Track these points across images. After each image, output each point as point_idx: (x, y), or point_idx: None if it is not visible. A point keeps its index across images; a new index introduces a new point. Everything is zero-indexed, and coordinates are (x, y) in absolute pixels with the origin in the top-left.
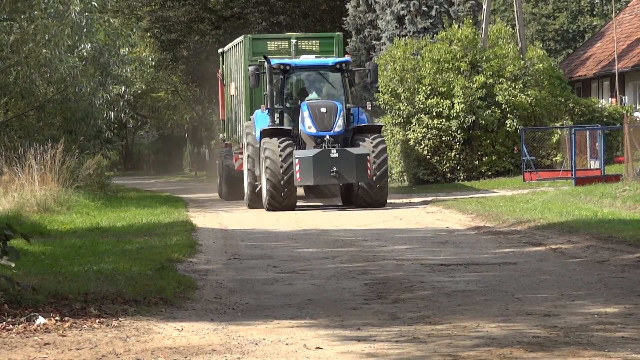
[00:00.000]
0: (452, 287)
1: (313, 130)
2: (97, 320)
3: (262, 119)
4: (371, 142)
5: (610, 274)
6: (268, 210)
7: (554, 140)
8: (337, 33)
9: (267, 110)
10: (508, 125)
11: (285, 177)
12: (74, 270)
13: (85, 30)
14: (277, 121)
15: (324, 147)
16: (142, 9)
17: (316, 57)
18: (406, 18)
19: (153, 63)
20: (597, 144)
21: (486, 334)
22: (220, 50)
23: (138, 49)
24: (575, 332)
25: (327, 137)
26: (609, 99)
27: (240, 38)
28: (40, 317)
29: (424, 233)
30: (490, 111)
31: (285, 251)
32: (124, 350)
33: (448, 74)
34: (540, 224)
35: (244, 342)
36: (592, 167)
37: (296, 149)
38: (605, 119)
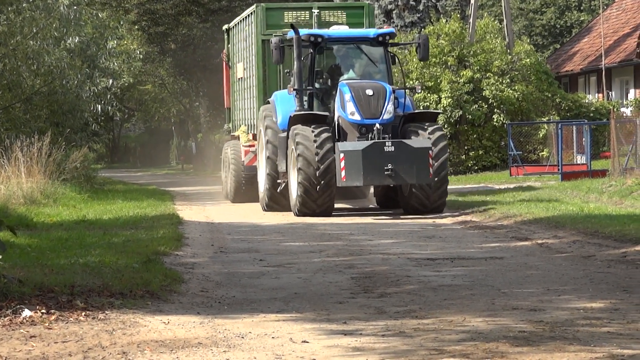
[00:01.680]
0: (438, 282)
1: (357, 117)
2: (83, 313)
3: (285, 103)
4: (429, 133)
5: (596, 269)
6: (299, 214)
7: (541, 135)
8: (366, 2)
9: (294, 92)
10: (495, 120)
11: (322, 168)
12: (60, 262)
13: (73, 23)
14: (306, 105)
15: (374, 139)
16: (130, 1)
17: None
18: (394, 12)
19: (140, 56)
20: (583, 139)
21: (472, 328)
22: (225, 27)
23: (125, 42)
24: (561, 327)
25: (377, 126)
26: (596, 94)
27: (252, 8)
28: (26, 309)
29: (411, 227)
30: (477, 106)
31: (272, 245)
32: (110, 343)
33: (435, 68)
34: (526, 218)
35: (230, 336)
36: (578, 162)
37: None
38: (592, 114)
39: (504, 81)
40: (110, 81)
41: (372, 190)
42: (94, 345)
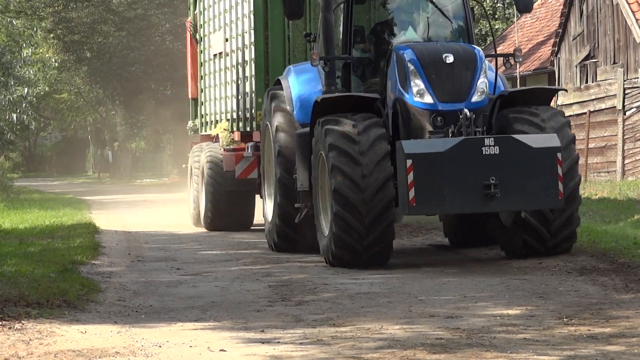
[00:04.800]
0: (355, 289)
1: (429, 100)
2: (0, 323)
3: (305, 81)
4: (547, 123)
5: (512, 276)
6: (333, 262)
7: None
8: None
9: (320, 63)
10: None
11: (373, 186)
12: None
13: None
14: (339, 84)
15: (459, 134)
16: (45, 9)
17: None
18: None
19: (56, 64)
20: None
21: (389, 335)
22: None
23: (41, 50)
24: (477, 333)
25: (466, 112)
26: None
27: None
28: None
29: None
30: None
31: (189, 253)
32: (27, 353)
33: None
34: (442, 226)
35: (147, 345)
36: None
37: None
38: None
39: None
40: (26, 89)
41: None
42: (11, 356)
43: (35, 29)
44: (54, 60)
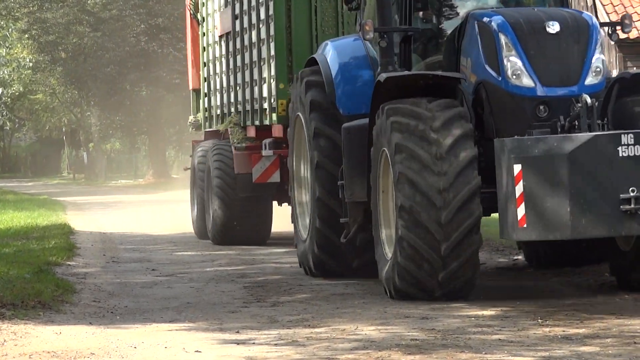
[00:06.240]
0: (330, 290)
1: (529, 83)
2: None
3: (350, 59)
4: None
5: (487, 277)
6: (395, 294)
7: None
8: None
9: (373, 36)
10: None
11: (452, 207)
12: None
13: None
14: (397, 62)
15: (582, 128)
16: (20, 10)
17: None
18: None
19: (31, 65)
20: None
21: (364, 336)
22: None
23: (16, 51)
24: (452, 334)
25: (585, 98)
26: None
27: None
28: None
29: None
30: None
31: (164, 254)
32: (1, 354)
33: None
34: None
35: (122, 346)
36: None
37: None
38: None
39: None
40: (0, 90)
41: None
42: None
43: (9, 30)
44: (28, 60)
